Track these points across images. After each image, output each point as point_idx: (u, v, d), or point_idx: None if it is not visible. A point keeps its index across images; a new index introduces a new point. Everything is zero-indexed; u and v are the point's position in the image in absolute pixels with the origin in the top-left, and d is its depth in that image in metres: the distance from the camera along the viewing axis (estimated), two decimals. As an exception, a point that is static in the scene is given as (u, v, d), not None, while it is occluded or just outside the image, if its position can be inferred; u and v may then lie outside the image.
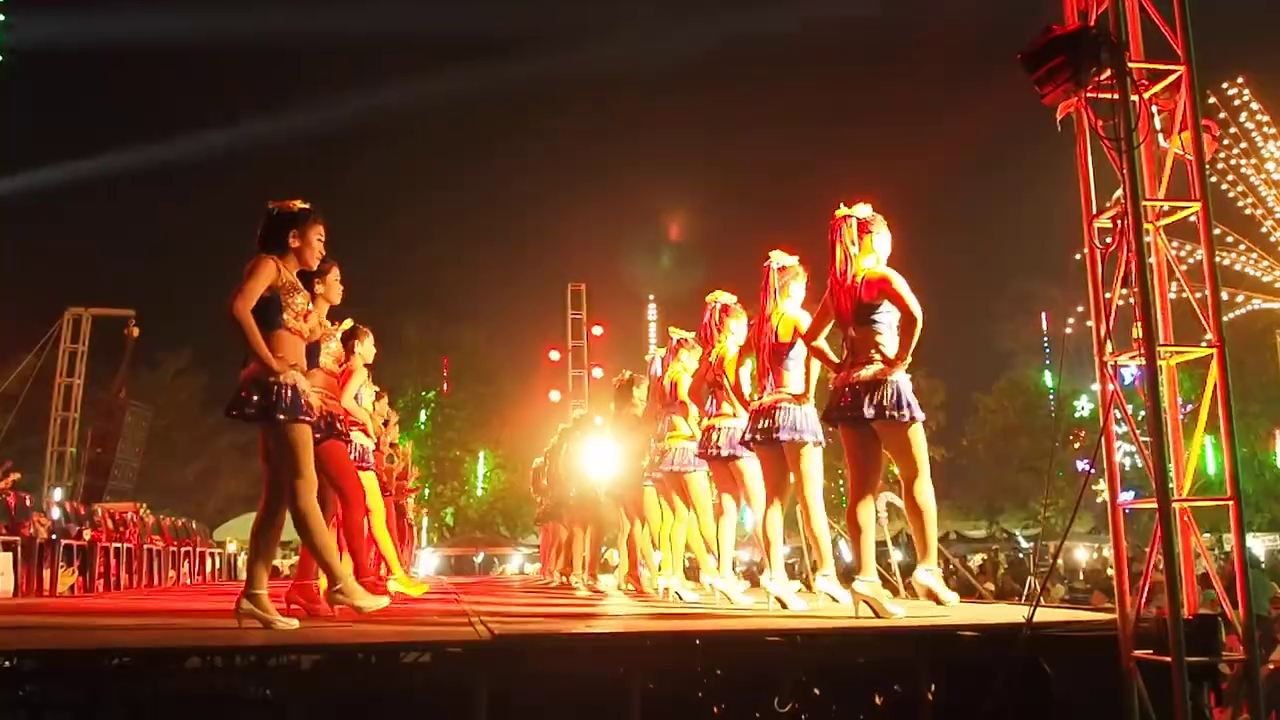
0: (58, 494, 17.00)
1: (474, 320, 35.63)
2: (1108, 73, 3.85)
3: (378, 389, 7.57)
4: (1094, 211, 4.05)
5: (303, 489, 4.29)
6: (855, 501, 4.78)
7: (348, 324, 6.16)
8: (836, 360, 4.86)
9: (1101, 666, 3.84)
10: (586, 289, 20.76)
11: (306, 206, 4.47)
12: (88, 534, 9.31)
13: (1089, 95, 3.91)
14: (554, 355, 21.19)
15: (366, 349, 6.45)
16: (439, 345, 34.19)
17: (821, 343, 5.00)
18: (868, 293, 4.63)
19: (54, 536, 8.64)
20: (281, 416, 4.20)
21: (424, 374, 33.81)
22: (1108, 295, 4.01)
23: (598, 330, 20.77)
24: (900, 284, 4.59)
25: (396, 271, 38.77)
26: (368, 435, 6.45)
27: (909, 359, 4.56)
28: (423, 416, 33.08)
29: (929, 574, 4.65)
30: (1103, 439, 3.96)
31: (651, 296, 33.38)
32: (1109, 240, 3.95)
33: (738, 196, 44.96)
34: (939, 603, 4.63)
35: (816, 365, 5.37)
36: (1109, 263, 4.03)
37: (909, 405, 4.51)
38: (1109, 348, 3.97)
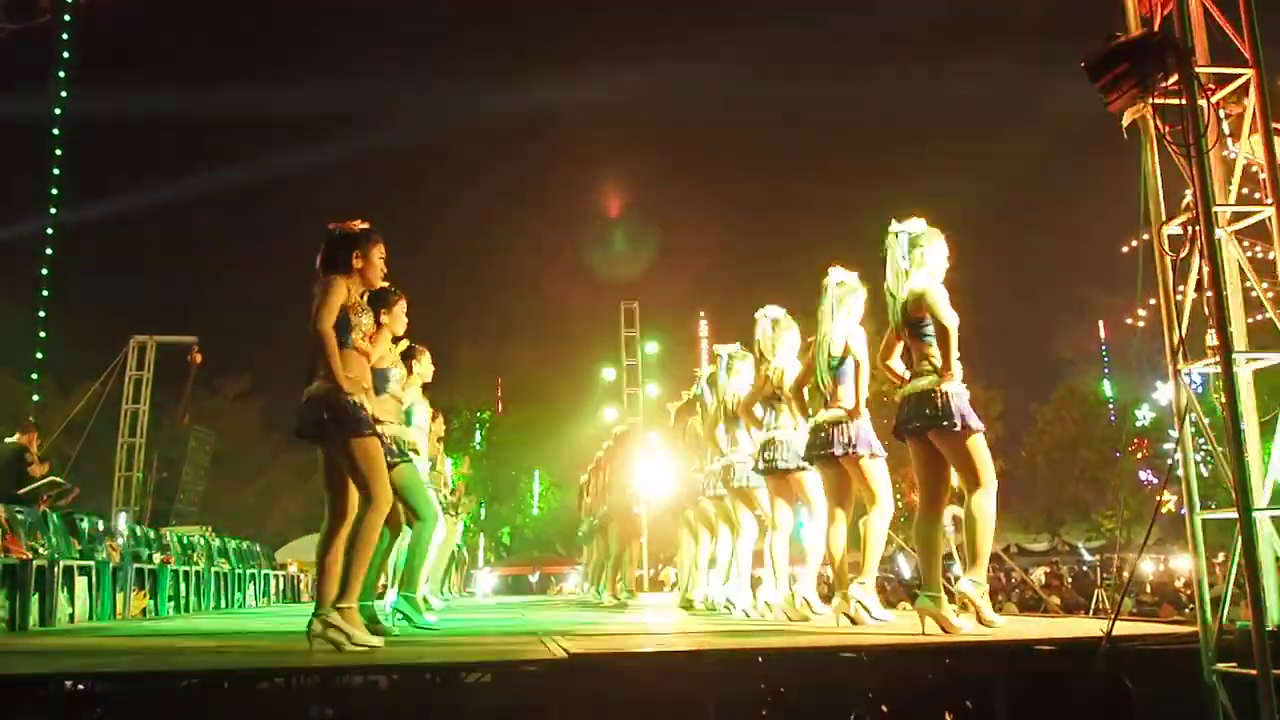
0: (123, 519, 17.31)
1: (528, 341, 35.90)
2: (1174, 78, 3.80)
3: (432, 410, 7.63)
4: (1162, 218, 3.99)
5: (377, 506, 4.31)
6: (921, 515, 4.75)
7: (403, 345, 6.23)
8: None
9: (1183, 681, 3.76)
10: (639, 307, 20.82)
11: (367, 226, 4.53)
12: (157, 558, 9.48)
13: (1155, 101, 3.86)
14: (608, 373, 21.28)
15: (424, 368, 6.55)
16: (493, 366, 34.46)
17: (895, 362, 5.00)
18: (913, 307, 4.70)
19: (125, 561, 8.81)
20: (351, 431, 4.25)
21: (478, 394, 34.06)
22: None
23: (651, 348, 20.83)
24: (934, 296, 4.63)
25: (450, 291, 39.12)
26: (419, 454, 6.47)
27: (957, 369, 4.58)
28: (478, 437, 33.32)
29: (973, 585, 4.59)
30: (1178, 449, 3.88)
31: (702, 313, 33.28)
32: (1180, 246, 3.89)
33: (793, 210, 44.82)
34: (981, 621, 4.53)
35: (864, 379, 5.38)
36: (1176, 269, 3.98)
37: (961, 415, 4.51)
38: (1182, 356, 3.90)
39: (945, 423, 4.50)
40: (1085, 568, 24.27)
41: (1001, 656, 4.07)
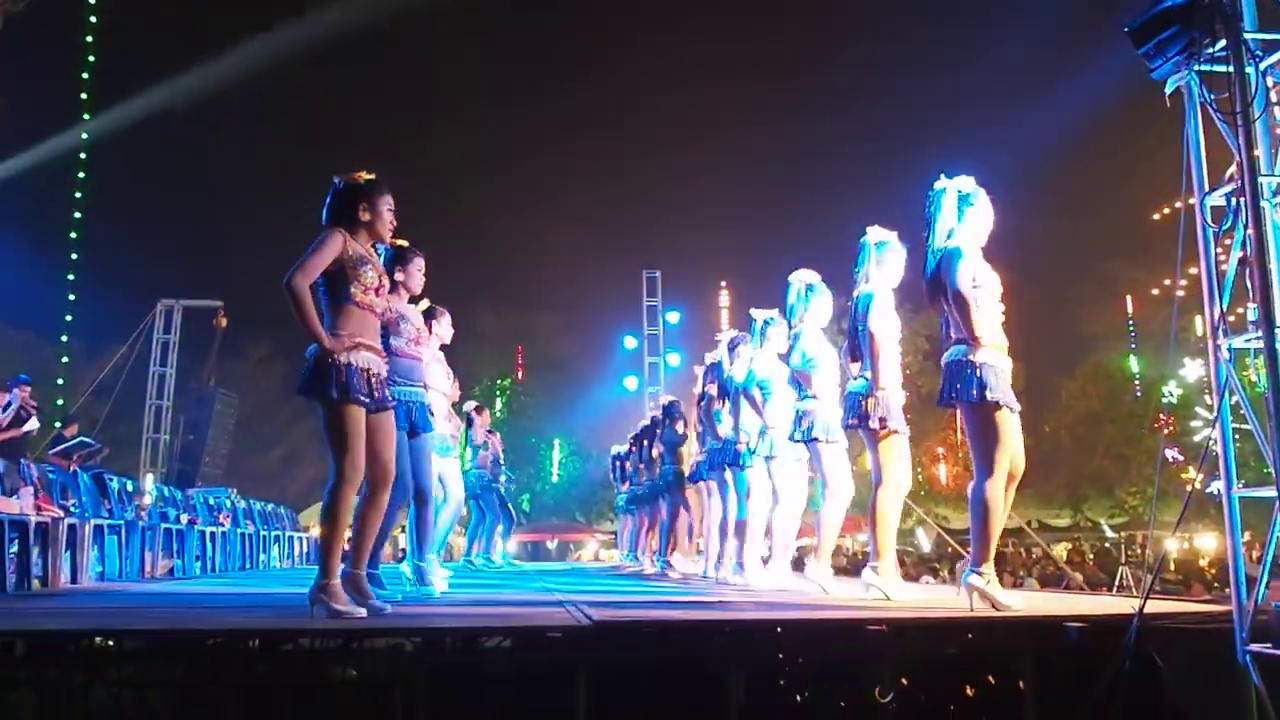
0: (150, 480, 17.52)
1: (549, 308, 35.93)
2: (1221, 44, 3.70)
3: (451, 374, 7.58)
4: (1205, 188, 3.89)
5: (345, 477, 4.10)
6: (976, 484, 4.48)
7: (424, 305, 6.17)
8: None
9: (1215, 661, 3.71)
10: (661, 275, 20.77)
11: (372, 177, 4.34)
12: (184, 518, 9.57)
13: (1201, 68, 3.76)
14: (630, 342, 21.27)
15: (444, 329, 6.47)
16: (515, 333, 34.52)
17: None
18: (943, 271, 4.51)
19: (153, 521, 8.91)
20: (335, 395, 4.06)
21: (499, 361, 34.17)
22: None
23: (673, 316, 20.79)
24: (959, 259, 4.42)
25: (473, 259, 39.08)
26: (432, 414, 6.40)
27: (996, 337, 4.40)
28: (498, 404, 33.42)
29: (979, 578, 4.33)
30: (1214, 426, 3.81)
31: (724, 282, 33.14)
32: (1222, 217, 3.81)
33: (816, 181, 44.40)
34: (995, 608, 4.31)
35: (889, 352, 5.23)
36: (1217, 241, 3.90)
37: (983, 387, 4.30)
38: (1221, 331, 3.83)
39: (964, 393, 4.33)
40: (1108, 544, 24.14)
41: (1024, 632, 4.04)
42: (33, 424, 9.38)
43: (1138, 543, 21.69)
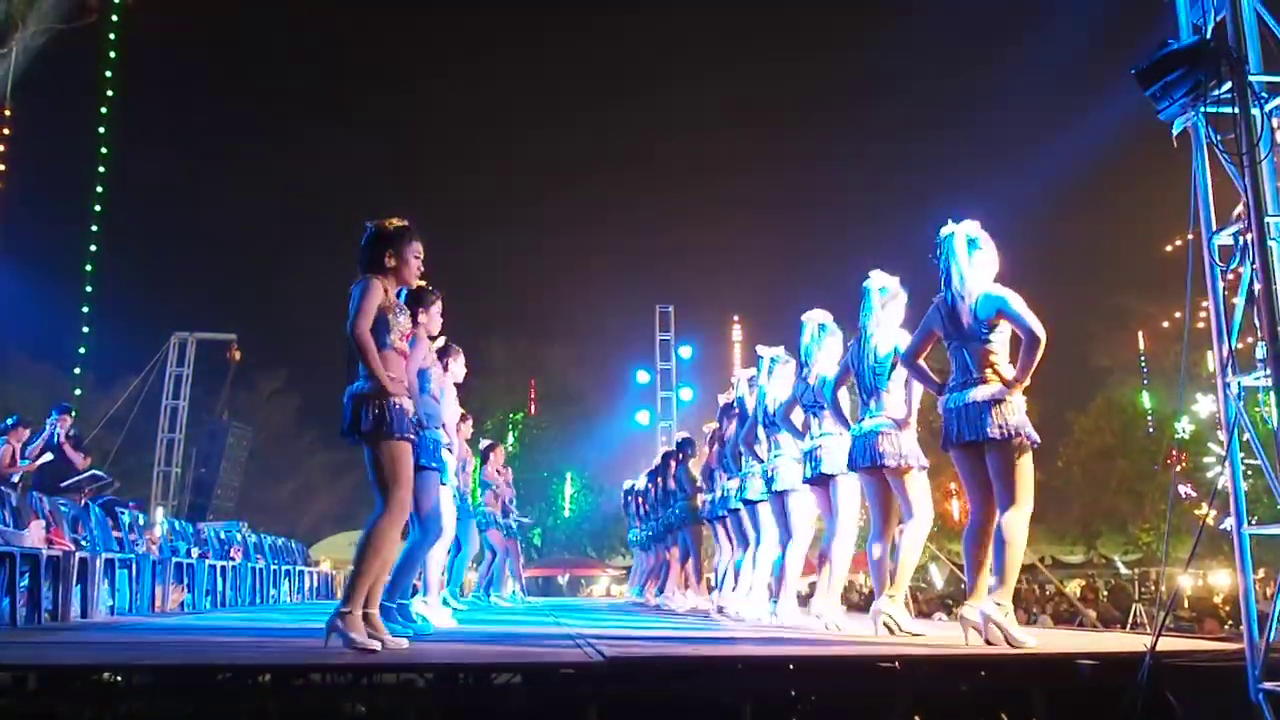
0: (161, 513, 17.54)
1: (562, 341, 35.98)
2: (1227, 86, 3.75)
3: (463, 411, 7.64)
4: (1213, 228, 3.93)
5: (395, 510, 4.24)
6: (977, 524, 4.56)
7: (440, 342, 6.25)
8: (938, 381, 4.77)
9: (1228, 698, 3.69)
10: (674, 310, 20.80)
11: (403, 224, 4.46)
12: (195, 552, 9.58)
13: (1207, 109, 3.80)
14: (642, 376, 21.26)
15: (459, 367, 6.56)
16: (527, 366, 34.55)
17: (922, 363, 4.91)
18: (984, 310, 4.50)
19: (164, 555, 8.92)
20: (397, 434, 4.21)
21: (511, 395, 34.17)
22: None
23: (686, 352, 20.78)
24: (1020, 303, 4.44)
25: (486, 292, 39.24)
26: (451, 454, 6.48)
27: (1027, 381, 4.43)
28: (510, 438, 33.41)
29: (996, 608, 4.34)
30: (1227, 463, 3.81)
31: (736, 318, 33.15)
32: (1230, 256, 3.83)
33: (828, 215, 44.62)
34: (1010, 643, 4.28)
35: (919, 388, 5.28)
36: (1225, 280, 3.92)
37: (1022, 428, 4.36)
38: (1231, 369, 3.84)
39: (1008, 435, 4.34)
40: (1122, 580, 23.93)
41: (1036, 669, 4.02)
42: (47, 457, 9.44)
43: (1152, 579, 21.50)
